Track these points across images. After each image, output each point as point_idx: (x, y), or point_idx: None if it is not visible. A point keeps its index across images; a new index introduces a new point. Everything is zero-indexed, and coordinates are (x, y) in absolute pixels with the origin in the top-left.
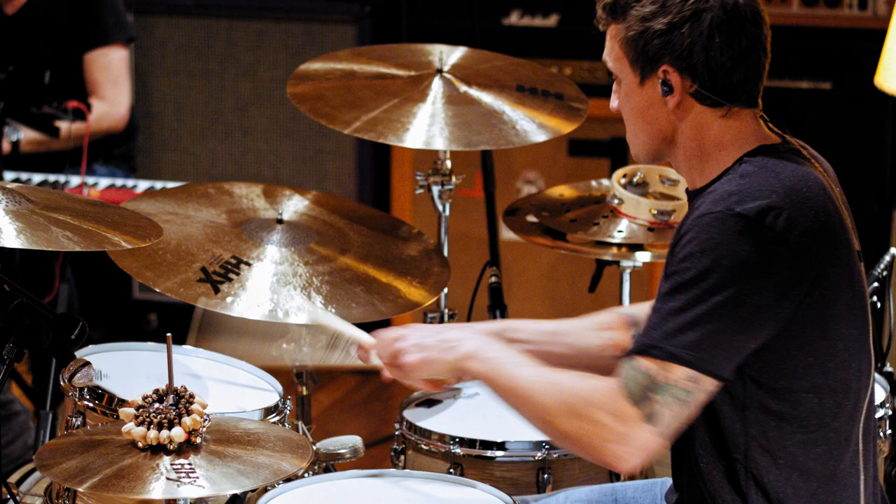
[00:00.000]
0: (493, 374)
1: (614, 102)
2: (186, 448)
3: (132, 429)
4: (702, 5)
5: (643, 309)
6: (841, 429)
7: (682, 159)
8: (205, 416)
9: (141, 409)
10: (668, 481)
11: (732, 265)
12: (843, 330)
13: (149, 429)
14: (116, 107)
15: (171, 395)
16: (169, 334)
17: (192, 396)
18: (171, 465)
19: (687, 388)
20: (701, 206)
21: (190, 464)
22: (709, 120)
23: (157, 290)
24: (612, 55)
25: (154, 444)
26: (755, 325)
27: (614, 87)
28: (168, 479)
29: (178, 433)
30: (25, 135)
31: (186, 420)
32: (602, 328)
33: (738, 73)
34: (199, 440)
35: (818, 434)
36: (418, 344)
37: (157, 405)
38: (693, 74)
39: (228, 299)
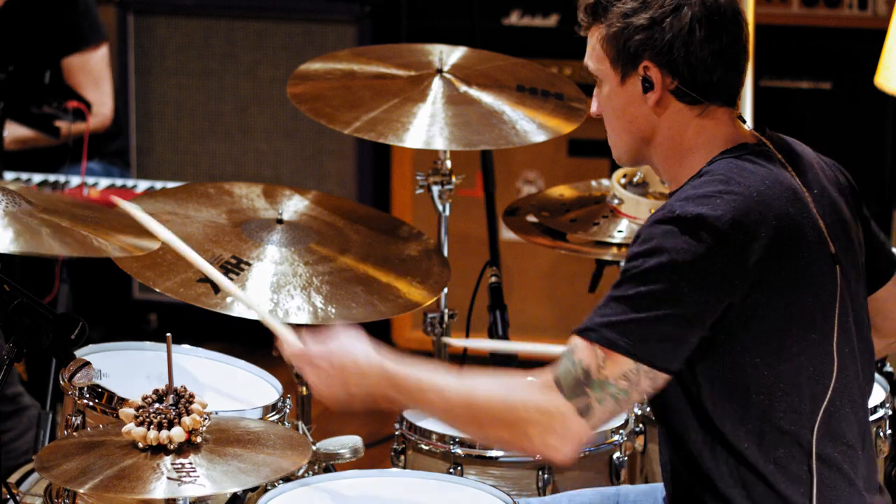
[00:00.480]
0: (412, 403)
1: (594, 107)
2: (187, 448)
3: (132, 429)
4: (683, 0)
5: None
6: (799, 432)
7: (659, 161)
8: (204, 416)
9: (141, 410)
10: None
11: (672, 263)
12: (798, 333)
13: (149, 429)
14: (100, 107)
15: (171, 395)
16: (169, 334)
17: (191, 396)
18: (172, 464)
19: (621, 387)
20: (656, 212)
21: (191, 463)
22: (686, 119)
23: (157, 290)
24: (593, 56)
25: (154, 444)
26: (694, 321)
27: (595, 91)
28: (169, 478)
29: (178, 433)
30: (10, 133)
31: (186, 420)
32: None
33: (719, 70)
34: (199, 440)
35: (774, 436)
36: (336, 367)
37: (156, 405)
38: (674, 70)
39: (228, 299)
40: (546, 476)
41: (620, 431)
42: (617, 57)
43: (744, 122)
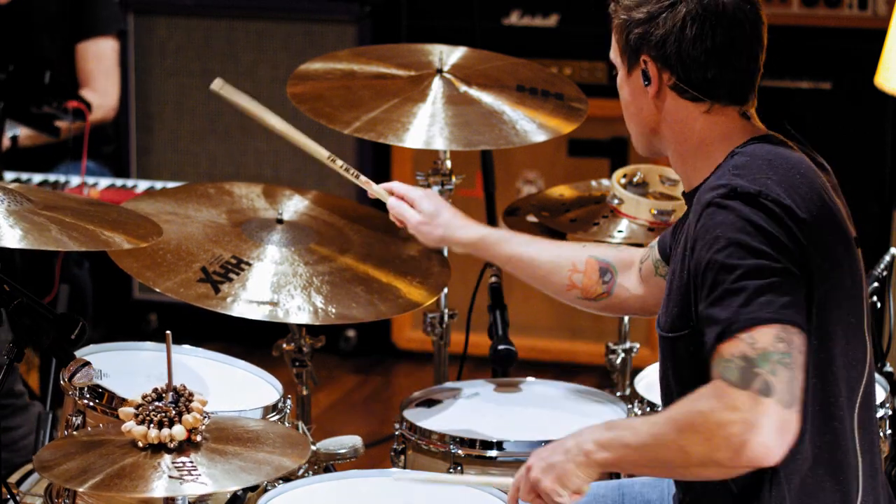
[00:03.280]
0: (623, 454)
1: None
2: (187, 446)
3: (132, 427)
4: None
5: (617, 254)
6: (841, 416)
7: (673, 156)
8: (205, 414)
9: (140, 408)
10: None
11: (754, 235)
12: (843, 316)
13: (149, 427)
14: (107, 98)
15: (171, 394)
16: (168, 332)
17: (191, 394)
18: (173, 463)
19: (782, 350)
20: (699, 201)
21: (191, 461)
22: (692, 115)
23: (158, 290)
24: (612, 45)
25: (155, 442)
26: (799, 284)
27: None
28: (170, 477)
29: (178, 431)
30: (23, 131)
31: (188, 417)
32: (574, 270)
33: (712, 68)
34: (199, 438)
35: (822, 422)
36: (545, 466)
37: (156, 403)
38: (668, 66)
39: (229, 299)
40: None
41: None
42: (623, 49)
43: (748, 118)
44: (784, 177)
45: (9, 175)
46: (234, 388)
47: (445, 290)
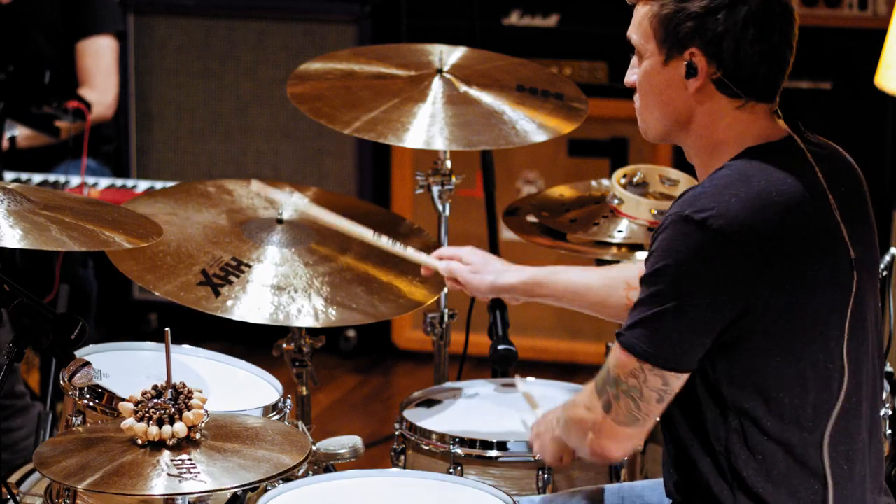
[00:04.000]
0: (559, 426)
1: (630, 77)
2: (186, 444)
3: (133, 424)
4: None
5: None
6: (816, 429)
7: (692, 147)
8: (205, 411)
9: (140, 405)
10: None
11: (678, 267)
12: (815, 333)
13: (149, 424)
14: (105, 95)
15: (170, 391)
16: (167, 329)
17: (190, 392)
18: (172, 461)
19: (631, 384)
20: (674, 203)
21: (190, 459)
22: (724, 110)
23: (158, 293)
24: (639, 31)
25: (155, 440)
26: (704, 325)
27: (633, 61)
28: (169, 475)
29: (179, 428)
30: (21, 131)
31: (188, 415)
32: (629, 287)
33: (764, 67)
34: (198, 435)
35: (792, 433)
36: (533, 435)
37: (155, 401)
38: (719, 62)
39: (229, 303)
40: (546, 476)
41: None
42: (665, 38)
43: (780, 117)
44: (753, 197)
45: (9, 175)
46: (235, 388)
47: (445, 290)
